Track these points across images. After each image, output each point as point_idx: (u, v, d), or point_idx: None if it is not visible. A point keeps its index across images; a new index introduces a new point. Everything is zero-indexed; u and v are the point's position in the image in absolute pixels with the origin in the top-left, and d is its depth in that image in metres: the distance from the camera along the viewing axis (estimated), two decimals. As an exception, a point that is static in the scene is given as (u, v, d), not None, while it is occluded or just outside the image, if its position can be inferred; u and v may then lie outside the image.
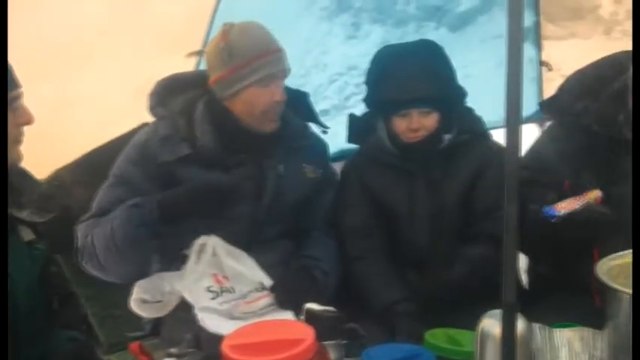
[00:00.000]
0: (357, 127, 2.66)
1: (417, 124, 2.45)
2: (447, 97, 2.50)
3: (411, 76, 2.43)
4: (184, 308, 2.19)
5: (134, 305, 2.20)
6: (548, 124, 2.65)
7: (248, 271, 2.27)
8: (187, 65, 2.55)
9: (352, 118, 2.68)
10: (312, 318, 1.94)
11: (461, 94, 2.58)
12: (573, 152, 2.42)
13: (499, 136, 2.14)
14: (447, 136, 2.52)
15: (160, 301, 2.22)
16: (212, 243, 2.25)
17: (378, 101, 2.55)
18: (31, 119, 1.89)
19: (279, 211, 2.40)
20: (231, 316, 2.16)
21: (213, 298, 2.18)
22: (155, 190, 2.28)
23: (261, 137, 2.38)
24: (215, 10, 2.86)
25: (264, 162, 2.40)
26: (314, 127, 2.62)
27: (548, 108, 2.53)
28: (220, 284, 2.22)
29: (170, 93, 2.40)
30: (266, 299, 2.22)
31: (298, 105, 2.55)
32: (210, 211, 2.27)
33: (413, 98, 2.43)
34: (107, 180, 2.37)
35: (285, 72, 2.36)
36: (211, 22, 2.83)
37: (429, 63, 2.48)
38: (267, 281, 2.29)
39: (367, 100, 2.61)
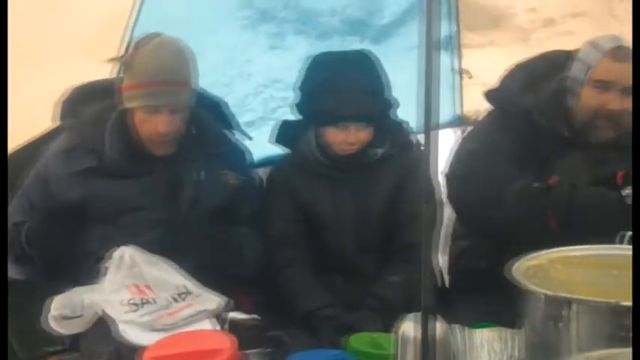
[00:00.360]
0: (286, 131, 2.67)
1: (354, 137, 2.48)
2: (383, 111, 2.54)
3: (352, 90, 2.45)
4: (104, 321, 2.14)
5: (53, 322, 2.13)
6: (469, 129, 2.70)
7: (170, 277, 2.23)
8: (107, 71, 2.50)
9: (284, 123, 2.69)
10: (234, 327, 1.93)
11: (394, 106, 2.61)
12: (514, 145, 2.43)
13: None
14: (380, 150, 2.55)
15: (80, 316, 2.16)
16: (130, 253, 2.20)
17: (313, 111, 2.55)
18: None
19: (198, 218, 2.38)
20: (153, 328, 2.12)
21: (134, 311, 2.13)
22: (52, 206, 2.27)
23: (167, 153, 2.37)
24: (137, 17, 2.81)
25: (181, 168, 2.38)
26: (238, 135, 2.62)
27: (493, 99, 2.54)
28: (142, 295, 2.18)
29: (85, 100, 2.37)
30: (188, 310, 2.19)
31: (218, 112, 2.55)
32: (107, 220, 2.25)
33: (353, 114, 2.45)
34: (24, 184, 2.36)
35: (179, 107, 2.30)
36: (132, 29, 2.78)
37: (369, 77, 2.52)
38: (191, 285, 2.26)
39: (300, 108, 2.61)
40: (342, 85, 2.45)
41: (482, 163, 2.43)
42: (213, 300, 2.22)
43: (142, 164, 2.35)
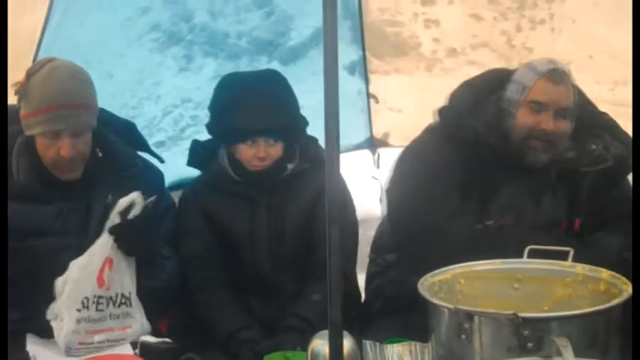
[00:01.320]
0: (198, 152, 2.66)
1: (263, 152, 2.49)
2: (292, 127, 2.56)
3: (260, 105, 2.48)
4: (17, 348, 2.08)
5: None
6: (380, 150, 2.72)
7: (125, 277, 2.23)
8: (12, 98, 2.45)
9: (194, 143, 2.68)
10: (146, 350, 1.91)
11: (303, 123, 2.64)
12: (458, 167, 2.43)
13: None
14: (290, 165, 2.57)
15: None
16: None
17: (223, 129, 2.56)
18: None
19: None
20: (68, 352, 2.08)
21: (77, 310, 2.12)
22: None
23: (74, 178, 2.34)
24: (40, 40, 2.76)
25: (90, 193, 2.36)
26: (148, 157, 2.59)
27: (445, 117, 2.52)
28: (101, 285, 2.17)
29: None
30: (101, 335, 2.15)
31: (127, 134, 2.53)
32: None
33: (262, 128, 2.47)
34: None
35: (80, 130, 2.27)
36: (36, 53, 2.73)
37: (276, 93, 2.54)
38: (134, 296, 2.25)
39: (210, 127, 2.62)
40: (249, 102, 2.48)
41: (425, 187, 2.42)
42: (141, 325, 2.20)
43: (50, 189, 2.31)
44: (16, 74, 2.37)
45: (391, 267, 2.63)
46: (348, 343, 1.60)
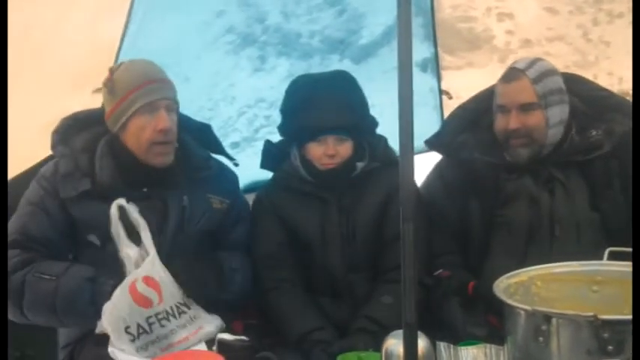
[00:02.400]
0: (271, 154, 2.70)
1: (332, 150, 2.51)
2: (361, 126, 2.58)
3: (328, 104, 2.51)
4: (96, 345, 2.16)
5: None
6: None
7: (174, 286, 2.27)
8: (96, 101, 2.54)
9: (267, 144, 2.71)
10: (224, 348, 1.94)
11: (373, 123, 2.65)
12: (460, 183, 2.57)
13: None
14: (360, 164, 2.58)
15: None
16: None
17: (294, 129, 2.60)
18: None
19: (184, 243, 2.39)
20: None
21: (131, 340, 2.14)
22: (65, 223, 2.28)
23: (160, 171, 2.39)
24: (120, 47, 2.85)
25: (167, 194, 2.40)
26: (224, 160, 2.63)
27: (432, 144, 2.67)
28: (142, 304, 2.18)
29: (72, 131, 2.40)
30: (180, 345, 2.20)
31: (203, 137, 2.58)
32: None
33: (331, 125, 2.50)
34: (21, 208, 2.34)
35: (168, 101, 2.36)
36: (116, 59, 2.82)
37: (345, 93, 2.57)
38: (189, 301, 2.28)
39: (282, 128, 2.66)
40: (319, 101, 2.52)
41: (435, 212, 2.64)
42: (210, 322, 2.24)
43: (132, 188, 2.37)
44: (97, 81, 2.47)
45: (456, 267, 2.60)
46: (422, 344, 1.59)
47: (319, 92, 2.54)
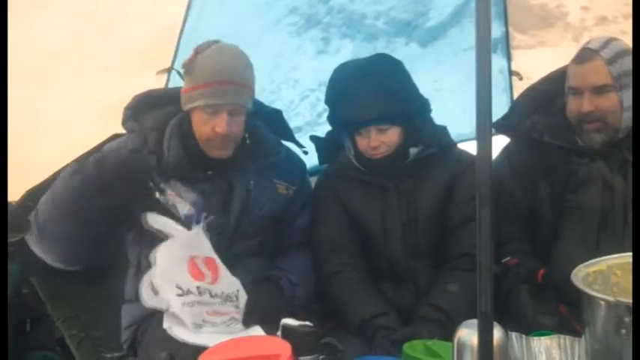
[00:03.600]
0: (324, 148, 2.68)
1: (375, 142, 2.45)
2: (406, 111, 2.48)
3: (363, 95, 2.43)
4: (158, 326, 2.16)
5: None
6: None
7: (228, 274, 2.26)
8: (158, 83, 2.54)
9: (315, 140, 2.69)
10: (288, 333, 1.92)
11: (423, 106, 2.57)
12: (529, 167, 2.50)
13: (471, 147, 2.16)
14: (413, 150, 2.52)
15: None
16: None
17: (338, 121, 2.56)
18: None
19: (248, 227, 2.39)
20: (196, 325, 2.12)
21: (178, 295, 2.13)
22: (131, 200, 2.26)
23: (222, 160, 2.37)
24: (182, 29, 2.85)
25: (234, 176, 2.40)
26: (292, 146, 2.62)
27: (501, 127, 2.58)
28: (196, 277, 2.18)
29: (144, 108, 2.40)
30: (227, 316, 2.19)
31: (273, 122, 2.56)
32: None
33: (367, 117, 2.43)
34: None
35: (239, 108, 2.32)
36: (179, 40, 2.82)
37: (382, 79, 2.46)
38: (242, 293, 2.27)
39: (330, 119, 2.62)
40: (354, 93, 2.45)
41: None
42: None
43: (197, 170, 2.36)
44: (160, 63, 2.47)
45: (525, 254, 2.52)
46: (497, 334, 1.53)
47: (355, 82, 2.46)
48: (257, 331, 2.16)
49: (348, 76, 2.51)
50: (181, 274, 2.16)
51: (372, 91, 2.43)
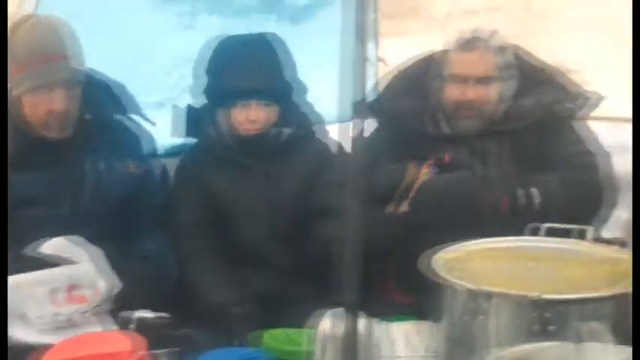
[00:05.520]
0: (193, 118, 2.60)
1: (255, 115, 2.44)
2: (286, 91, 2.51)
3: (252, 67, 2.45)
4: None
5: None
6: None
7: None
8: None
9: (190, 110, 2.61)
10: (143, 326, 1.84)
11: (301, 89, 2.59)
12: (396, 151, 2.47)
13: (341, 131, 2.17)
14: (286, 131, 2.51)
15: None
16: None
17: (218, 92, 2.52)
18: None
19: (99, 210, 2.30)
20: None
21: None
22: None
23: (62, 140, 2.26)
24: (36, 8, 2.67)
25: (78, 157, 2.29)
26: (141, 121, 2.52)
27: (369, 110, 2.55)
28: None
29: None
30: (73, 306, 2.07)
31: (116, 96, 2.46)
32: None
33: (252, 89, 2.43)
34: None
35: (68, 81, 2.22)
36: (36, 8, 2.64)
37: (270, 55, 2.50)
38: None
39: (207, 91, 2.56)
40: (242, 63, 2.47)
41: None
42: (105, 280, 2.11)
43: (36, 155, 2.24)
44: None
45: None
46: (361, 323, 1.52)
47: (243, 54, 2.49)
48: (110, 325, 2.05)
49: (234, 48, 2.52)
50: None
51: (258, 64, 2.46)
